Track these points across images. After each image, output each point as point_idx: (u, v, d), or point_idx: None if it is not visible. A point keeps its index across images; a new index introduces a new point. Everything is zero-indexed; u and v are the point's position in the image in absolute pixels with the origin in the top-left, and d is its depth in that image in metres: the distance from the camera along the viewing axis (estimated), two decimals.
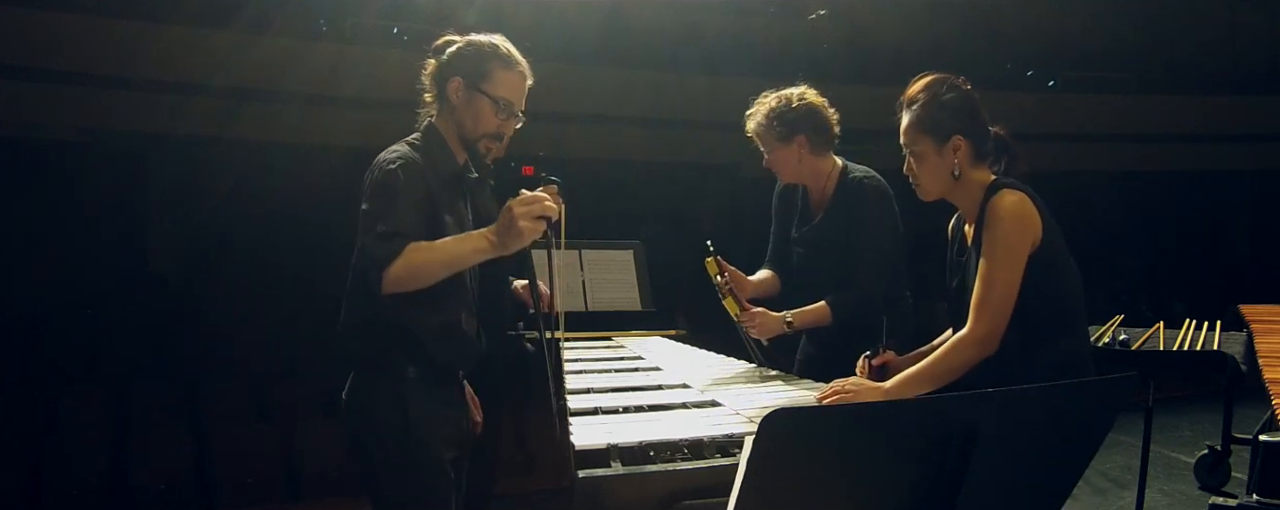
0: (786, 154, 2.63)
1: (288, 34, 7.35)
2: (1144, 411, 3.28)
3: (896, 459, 1.06)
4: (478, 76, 2.02)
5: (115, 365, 6.03)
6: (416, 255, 1.84)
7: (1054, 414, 1.14)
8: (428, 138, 2.06)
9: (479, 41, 2.06)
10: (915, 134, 2.03)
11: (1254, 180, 11.19)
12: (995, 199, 1.95)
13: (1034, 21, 9.82)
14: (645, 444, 1.55)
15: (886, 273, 2.58)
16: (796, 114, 2.60)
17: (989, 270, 1.91)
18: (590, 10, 8.33)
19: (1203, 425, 5.66)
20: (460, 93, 2.03)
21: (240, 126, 7.42)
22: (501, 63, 2.03)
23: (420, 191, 1.93)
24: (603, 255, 3.30)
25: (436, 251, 1.87)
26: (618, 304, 3.22)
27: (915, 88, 2.06)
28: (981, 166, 2.04)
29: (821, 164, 2.67)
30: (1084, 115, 10.01)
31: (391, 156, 1.96)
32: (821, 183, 2.71)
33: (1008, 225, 1.92)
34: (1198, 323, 3.55)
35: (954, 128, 2.00)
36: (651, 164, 8.84)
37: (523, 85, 2.07)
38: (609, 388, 2.14)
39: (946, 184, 2.03)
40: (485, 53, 2.04)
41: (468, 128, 2.04)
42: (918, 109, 2.03)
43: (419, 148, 2.02)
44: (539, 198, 1.83)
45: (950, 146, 2.00)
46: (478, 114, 2.03)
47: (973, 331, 1.91)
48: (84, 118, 7.21)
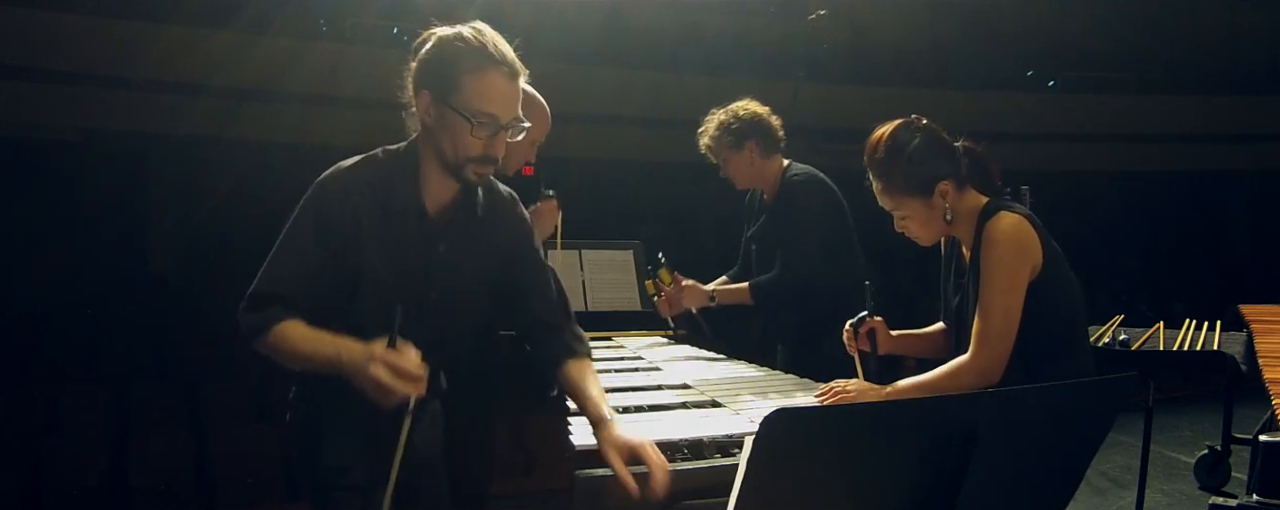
0: (739, 160, 2.93)
1: (288, 34, 7.35)
2: (1144, 411, 3.28)
3: (896, 459, 1.06)
4: (446, 89, 1.59)
5: (115, 365, 6.02)
6: (281, 343, 1.57)
7: (1054, 414, 1.14)
8: (400, 156, 1.69)
9: (446, 40, 1.62)
10: (896, 198, 1.94)
11: (1254, 180, 11.19)
12: (992, 222, 1.87)
13: (1034, 21, 9.81)
14: None
15: (811, 261, 2.82)
16: (743, 123, 2.90)
17: (988, 299, 1.85)
18: (590, 10, 8.33)
19: (1203, 425, 5.65)
20: (430, 110, 1.62)
21: (240, 126, 7.42)
22: (473, 66, 1.58)
23: (331, 224, 1.61)
24: (603, 255, 3.31)
25: (293, 347, 1.57)
26: (618, 304, 3.24)
27: (877, 145, 1.93)
28: (968, 191, 1.96)
29: (770, 167, 2.95)
30: (1084, 115, 10.01)
31: (332, 176, 1.66)
32: (770, 184, 2.99)
33: (1006, 250, 1.84)
34: (1198, 323, 3.55)
35: (934, 176, 1.90)
36: (651, 164, 8.84)
37: (508, 87, 1.62)
38: (609, 388, 2.14)
39: (942, 229, 1.96)
40: (451, 57, 1.59)
41: (448, 153, 1.62)
42: (889, 170, 1.92)
43: (376, 167, 1.67)
44: (395, 383, 1.44)
45: (937, 195, 1.91)
46: (455, 136, 1.60)
47: (974, 361, 1.85)
48: (84, 118, 7.21)
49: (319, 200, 1.64)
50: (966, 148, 1.99)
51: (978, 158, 2.00)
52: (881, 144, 1.93)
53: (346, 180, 1.65)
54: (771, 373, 2.41)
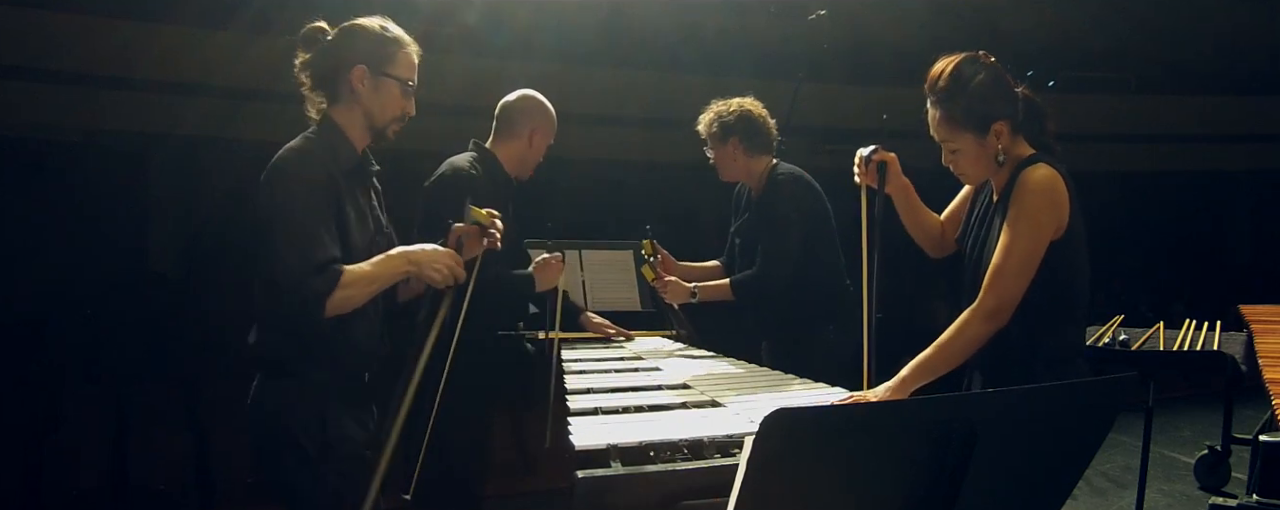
0: (723, 153, 3.05)
1: (288, 34, 7.32)
2: (1144, 411, 3.29)
3: (896, 459, 1.06)
4: (381, 60, 2.03)
5: (115, 365, 6.02)
6: (352, 286, 1.88)
7: (1054, 414, 1.14)
8: (325, 130, 2.03)
9: (368, 26, 2.06)
10: (952, 130, 1.91)
11: (1254, 180, 11.19)
12: (1028, 171, 1.86)
13: (1034, 21, 9.81)
14: (645, 444, 1.54)
15: (790, 259, 2.92)
16: (731, 119, 3.02)
17: (1010, 240, 1.84)
18: (590, 10, 8.32)
19: (1203, 425, 5.66)
20: (366, 80, 2.02)
21: (240, 126, 7.41)
22: (398, 44, 2.05)
23: (322, 192, 1.92)
24: (603, 255, 3.32)
25: (367, 279, 1.91)
26: (618, 304, 3.25)
27: (940, 74, 1.91)
28: (1019, 139, 1.94)
29: (755, 164, 3.07)
30: (1084, 115, 10.01)
31: (291, 156, 1.94)
32: (756, 181, 3.09)
33: (1037, 199, 1.84)
34: (1198, 323, 3.56)
35: (992, 114, 1.88)
36: (651, 164, 8.84)
37: (416, 62, 2.10)
38: (609, 388, 2.14)
39: (991, 170, 1.94)
40: (382, 36, 2.04)
41: (376, 115, 2.04)
42: (950, 101, 1.89)
43: (315, 142, 1.99)
44: (456, 262, 1.99)
45: (992, 134, 1.89)
46: (386, 99, 2.03)
47: (983, 304, 1.85)
48: (84, 118, 7.21)
49: (297, 178, 1.90)
50: (1026, 96, 1.96)
51: (1036, 108, 1.98)
52: (946, 74, 1.90)
53: (303, 155, 1.94)
54: (771, 372, 2.41)
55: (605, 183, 8.56)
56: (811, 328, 2.97)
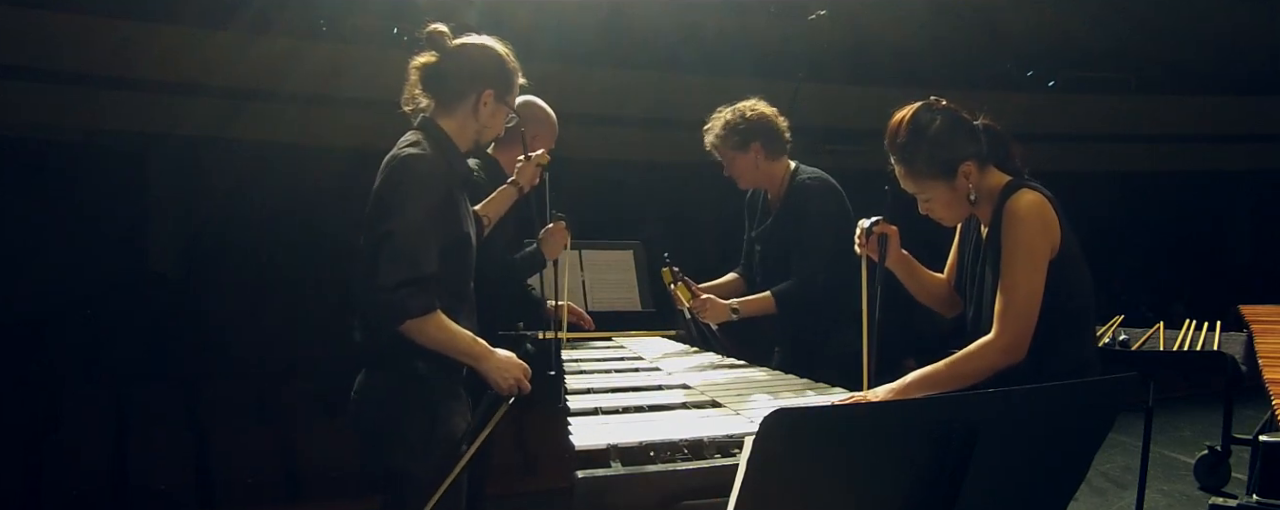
0: (744, 161, 2.90)
1: (288, 34, 7.34)
2: (1144, 412, 3.28)
3: (896, 459, 1.06)
4: (506, 89, 2.09)
5: (115, 365, 6.02)
6: (431, 327, 1.92)
7: (1054, 414, 1.14)
8: (438, 139, 2.05)
9: (500, 51, 2.10)
10: (920, 181, 1.91)
11: (1254, 180, 11.19)
12: (1013, 199, 1.86)
13: (1034, 21, 9.80)
14: (645, 444, 1.54)
15: (825, 264, 2.78)
16: (749, 124, 2.85)
17: (1011, 277, 1.83)
18: (590, 10, 8.32)
19: (1203, 425, 5.66)
20: (490, 104, 2.07)
21: (240, 126, 7.41)
22: (517, 75, 2.12)
23: (440, 205, 1.96)
24: (603, 255, 3.31)
25: (444, 337, 1.95)
26: (618, 304, 3.24)
27: (898, 128, 1.90)
28: (989, 170, 1.94)
29: (776, 168, 2.93)
30: (1084, 115, 10.01)
31: (420, 164, 1.94)
32: (776, 185, 2.96)
33: (1028, 227, 1.83)
34: (1198, 323, 3.55)
35: (956, 157, 1.88)
36: (651, 164, 8.84)
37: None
38: (609, 388, 2.14)
39: (966, 210, 1.94)
40: (510, 66, 2.10)
41: (484, 135, 2.11)
42: (912, 154, 1.89)
43: (434, 149, 2.01)
44: (525, 375, 2.06)
45: (960, 176, 1.89)
46: (496, 125, 2.11)
47: (999, 338, 1.83)
48: (84, 118, 7.21)
49: (423, 188, 1.93)
50: (986, 125, 1.96)
51: (997, 135, 1.97)
52: (903, 127, 1.90)
53: (431, 165, 1.96)
54: (772, 373, 2.41)
55: (605, 183, 8.56)
56: (832, 332, 2.80)
